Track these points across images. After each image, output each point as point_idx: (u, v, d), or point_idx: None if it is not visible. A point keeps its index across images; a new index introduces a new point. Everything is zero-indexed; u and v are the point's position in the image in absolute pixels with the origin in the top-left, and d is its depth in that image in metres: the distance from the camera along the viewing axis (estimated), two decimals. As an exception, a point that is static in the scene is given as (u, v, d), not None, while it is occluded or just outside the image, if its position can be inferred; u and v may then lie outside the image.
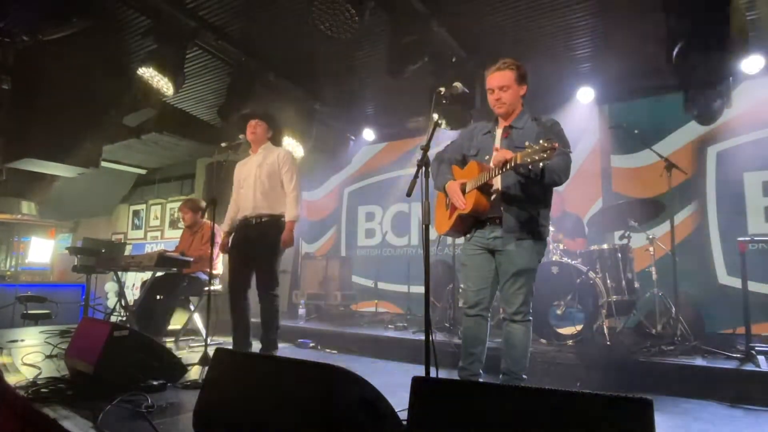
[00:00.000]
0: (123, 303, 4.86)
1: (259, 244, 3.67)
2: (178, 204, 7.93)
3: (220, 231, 4.10)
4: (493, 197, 2.51)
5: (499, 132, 2.64)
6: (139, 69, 4.33)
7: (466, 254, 2.69)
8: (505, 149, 2.38)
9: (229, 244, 3.87)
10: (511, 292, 2.50)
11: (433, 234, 2.30)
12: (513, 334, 2.52)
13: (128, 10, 4.31)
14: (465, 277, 2.70)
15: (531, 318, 2.55)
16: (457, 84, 2.52)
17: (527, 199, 2.48)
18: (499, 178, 2.45)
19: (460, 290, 2.74)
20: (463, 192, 2.55)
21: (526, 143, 2.18)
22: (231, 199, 3.95)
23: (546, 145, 2.04)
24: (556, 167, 2.34)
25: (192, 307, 4.99)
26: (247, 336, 3.73)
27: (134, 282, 8.28)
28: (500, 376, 2.56)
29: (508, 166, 2.24)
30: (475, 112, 5.01)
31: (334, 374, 1.58)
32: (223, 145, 3.94)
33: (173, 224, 8.76)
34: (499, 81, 2.55)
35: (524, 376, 2.52)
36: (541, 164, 2.18)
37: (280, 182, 3.77)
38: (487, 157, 2.56)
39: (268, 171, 3.76)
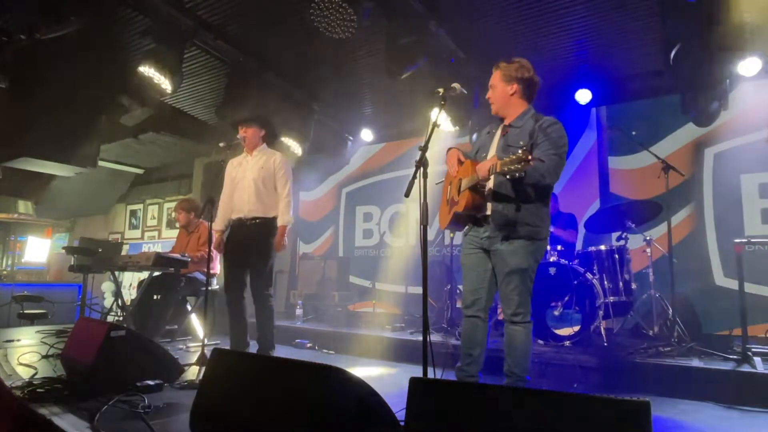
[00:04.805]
0: (120, 303, 4.85)
1: (253, 245, 3.70)
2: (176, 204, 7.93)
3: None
4: (485, 195, 2.56)
5: (498, 131, 2.69)
6: (140, 67, 4.32)
7: (463, 253, 2.71)
8: (492, 157, 2.43)
9: (224, 245, 3.88)
10: (507, 293, 2.51)
11: (430, 234, 2.31)
12: (513, 335, 2.52)
13: (126, 9, 4.30)
14: (464, 276, 2.71)
15: (531, 320, 2.54)
16: (456, 85, 2.54)
17: (517, 197, 2.48)
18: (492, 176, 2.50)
19: (458, 291, 2.74)
20: (459, 189, 2.60)
21: (521, 142, 2.38)
22: (222, 198, 3.97)
23: (521, 156, 2.10)
24: (540, 168, 2.37)
25: (189, 308, 4.99)
26: (245, 336, 3.73)
27: (131, 282, 8.26)
28: (504, 378, 2.57)
29: (492, 172, 2.32)
30: (474, 113, 5.02)
31: (331, 375, 1.58)
32: (221, 144, 3.95)
33: (170, 224, 8.75)
34: (490, 81, 2.69)
35: (527, 378, 2.52)
36: (517, 174, 2.19)
37: (274, 186, 3.84)
38: (484, 154, 2.65)
39: (263, 175, 3.81)
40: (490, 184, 2.53)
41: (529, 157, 2.10)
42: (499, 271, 2.53)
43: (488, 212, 2.55)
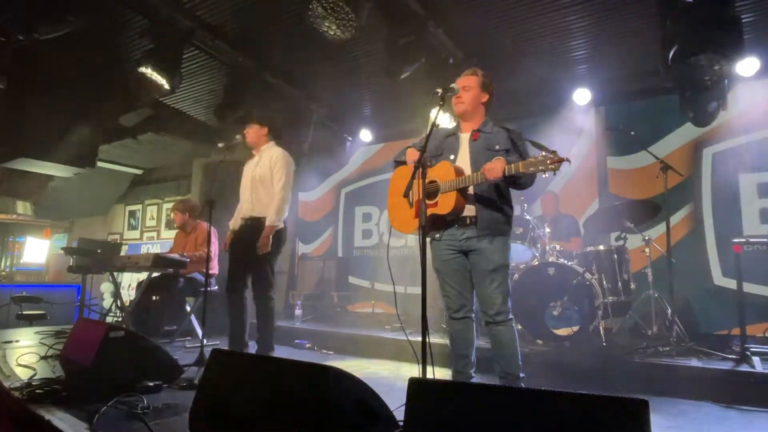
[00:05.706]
0: (119, 303, 4.85)
1: (254, 245, 3.65)
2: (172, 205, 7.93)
3: (215, 232, 4.10)
4: (470, 197, 2.58)
5: (465, 135, 2.71)
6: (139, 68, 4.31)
7: (440, 259, 2.70)
8: (499, 158, 2.42)
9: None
10: (489, 291, 2.52)
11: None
12: (500, 336, 2.53)
13: (125, 9, 4.30)
14: (443, 282, 2.71)
15: (512, 316, 2.58)
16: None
17: (499, 197, 2.60)
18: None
19: (443, 295, 2.74)
20: (436, 190, 2.57)
21: (497, 147, 2.55)
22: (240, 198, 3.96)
23: (553, 156, 2.20)
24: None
25: (188, 308, 4.98)
26: (244, 337, 3.72)
27: (130, 282, 8.26)
28: (498, 379, 2.56)
29: (506, 173, 2.34)
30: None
31: (330, 375, 1.58)
32: (220, 145, 3.95)
33: (169, 224, 8.74)
34: (463, 83, 2.70)
35: (522, 375, 2.53)
36: (546, 174, 2.26)
37: (272, 183, 3.73)
38: (452, 156, 2.67)
39: (260, 173, 3.75)
40: (472, 187, 2.56)
41: (565, 159, 2.20)
42: (481, 270, 2.55)
43: (473, 213, 2.57)
